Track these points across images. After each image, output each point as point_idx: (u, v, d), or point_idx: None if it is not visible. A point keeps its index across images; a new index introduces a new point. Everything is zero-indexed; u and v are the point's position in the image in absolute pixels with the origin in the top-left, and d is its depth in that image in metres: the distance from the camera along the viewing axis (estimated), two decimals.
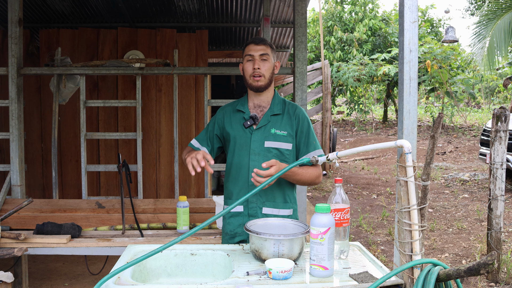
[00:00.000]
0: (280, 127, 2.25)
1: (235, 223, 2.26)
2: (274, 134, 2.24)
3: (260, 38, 2.26)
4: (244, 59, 2.27)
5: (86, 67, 3.75)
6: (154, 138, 5.29)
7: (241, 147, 2.25)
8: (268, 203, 2.25)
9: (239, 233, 2.26)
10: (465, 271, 1.44)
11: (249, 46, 2.26)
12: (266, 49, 2.24)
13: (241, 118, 2.29)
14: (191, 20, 6.06)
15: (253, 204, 2.24)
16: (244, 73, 2.28)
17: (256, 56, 2.22)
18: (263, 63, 2.23)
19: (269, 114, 2.27)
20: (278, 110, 2.28)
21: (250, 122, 2.24)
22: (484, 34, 9.52)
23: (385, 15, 18.63)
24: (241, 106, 2.32)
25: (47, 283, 3.89)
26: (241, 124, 2.27)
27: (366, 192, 8.05)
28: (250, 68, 2.24)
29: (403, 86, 1.72)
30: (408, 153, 1.62)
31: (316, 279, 1.66)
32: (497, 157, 4.01)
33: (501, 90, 20.68)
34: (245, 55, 2.26)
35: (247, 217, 2.23)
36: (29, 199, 3.02)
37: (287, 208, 2.30)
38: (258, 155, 2.22)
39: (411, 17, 1.69)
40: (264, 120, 2.26)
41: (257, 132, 2.24)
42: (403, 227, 1.64)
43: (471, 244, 5.04)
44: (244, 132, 2.26)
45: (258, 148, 2.23)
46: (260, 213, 2.23)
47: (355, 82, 14.71)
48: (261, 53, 2.23)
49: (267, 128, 2.25)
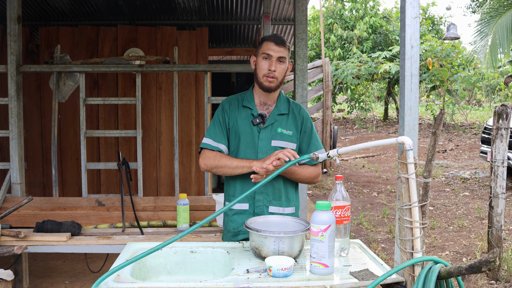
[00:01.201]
0: (286, 126, 2.24)
1: (239, 220, 2.24)
2: (281, 133, 2.22)
3: (281, 39, 2.19)
4: (260, 55, 2.20)
5: (86, 64, 3.73)
6: (155, 136, 5.28)
7: (248, 145, 2.22)
8: (275, 201, 2.24)
9: (243, 231, 2.23)
10: (467, 268, 1.43)
11: (269, 44, 2.18)
12: (285, 51, 2.19)
13: (249, 114, 2.24)
14: (191, 18, 6.04)
15: (259, 202, 2.22)
16: (256, 69, 2.22)
17: (274, 57, 2.17)
18: (279, 65, 2.18)
19: (275, 113, 2.25)
20: (284, 109, 2.27)
21: (259, 119, 2.21)
22: (486, 32, 9.50)
23: (386, 13, 18.59)
24: (247, 102, 2.27)
25: (48, 281, 3.88)
26: (249, 121, 2.23)
27: (367, 190, 8.04)
28: (265, 67, 2.18)
29: (404, 83, 1.71)
30: (409, 150, 1.61)
31: (316, 277, 1.65)
32: (498, 154, 4.00)
33: (502, 88, 20.63)
34: (262, 52, 2.18)
35: (252, 215, 2.21)
36: (29, 197, 3.01)
37: (290, 206, 2.30)
38: (265, 154, 2.19)
39: (412, 13, 1.67)
40: (271, 119, 2.23)
41: (265, 131, 2.22)
42: (404, 225, 1.63)
43: (472, 242, 5.03)
44: (251, 130, 2.22)
45: (266, 147, 2.21)
46: (267, 211, 2.22)
47: (354, 79, 14.69)
48: (280, 56, 2.17)
49: (274, 127, 2.23)
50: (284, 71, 2.22)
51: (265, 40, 2.20)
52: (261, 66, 2.19)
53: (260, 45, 2.22)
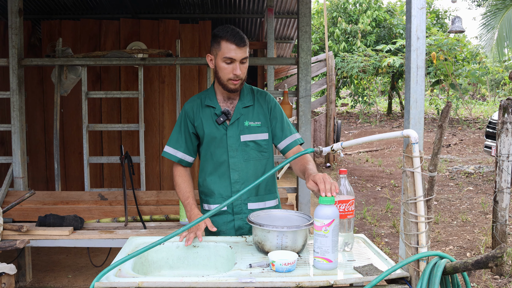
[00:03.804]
0: (253, 118, 2.15)
1: (219, 221, 2.17)
2: (248, 126, 2.14)
3: (241, 38, 2.02)
4: (221, 59, 2.03)
5: (88, 58, 3.71)
6: (157, 129, 5.26)
7: (217, 145, 2.14)
8: (252, 197, 2.17)
9: (223, 231, 2.17)
10: (473, 264, 1.40)
11: (230, 45, 2.00)
12: (247, 50, 2.04)
13: (212, 114, 2.15)
14: (194, 11, 6.01)
15: (237, 201, 2.15)
16: (218, 72, 2.07)
17: (238, 60, 2.02)
18: (243, 66, 2.05)
19: (240, 107, 2.15)
20: (249, 101, 2.17)
21: (223, 118, 2.11)
22: (493, 25, 9.41)
23: (390, 6, 18.47)
24: (209, 100, 2.16)
25: (50, 275, 3.89)
26: (213, 120, 2.14)
27: (370, 184, 8.01)
28: (228, 72, 2.04)
29: (410, 75, 1.68)
30: (415, 143, 1.59)
31: (320, 272, 1.63)
32: (504, 149, 3.96)
33: (507, 82, 20.50)
34: (224, 57, 2.01)
35: (232, 215, 2.16)
36: (31, 191, 3.01)
37: (272, 198, 2.23)
38: (236, 151, 2.13)
39: (418, 3, 1.64)
40: (236, 114, 2.14)
41: (232, 127, 2.13)
42: (409, 219, 1.61)
43: (476, 237, 5.00)
44: (217, 129, 2.13)
45: (235, 143, 2.13)
46: (246, 209, 2.16)
47: (361, 73, 14.61)
48: (243, 57, 2.03)
49: (241, 121, 2.14)
50: (247, 68, 2.10)
51: (224, 40, 2.02)
52: (223, 70, 2.05)
53: (218, 44, 2.04)
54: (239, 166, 2.13)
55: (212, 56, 2.10)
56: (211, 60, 2.12)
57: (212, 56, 2.10)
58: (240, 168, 2.13)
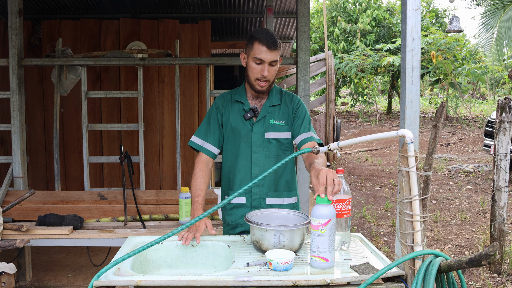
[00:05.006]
0: (278, 117, 2.25)
1: (237, 214, 2.26)
2: (273, 124, 2.23)
3: (274, 42, 2.10)
4: (252, 58, 2.13)
5: (87, 57, 3.73)
6: (157, 129, 5.28)
7: (242, 139, 2.23)
8: (271, 193, 2.24)
9: (241, 224, 2.25)
10: (467, 262, 1.42)
11: (261, 47, 2.10)
12: (277, 54, 2.13)
13: (241, 109, 2.25)
14: (194, 11, 6.02)
15: (256, 195, 2.23)
16: (248, 70, 2.18)
17: (267, 62, 2.12)
18: (271, 68, 2.14)
19: (268, 105, 2.25)
20: (276, 100, 2.26)
21: (250, 114, 2.21)
22: (492, 24, 9.42)
23: (389, 6, 18.47)
24: (239, 96, 2.27)
25: (50, 274, 3.91)
26: (241, 115, 2.24)
27: (370, 183, 8.03)
28: (257, 72, 2.14)
29: (405, 75, 1.69)
30: (410, 143, 1.60)
31: (317, 271, 1.65)
32: (501, 148, 3.98)
33: (506, 81, 20.51)
34: (254, 57, 2.11)
35: (250, 209, 2.23)
36: (31, 191, 3.02)
37: (291, 196, 2.30)
38: (260, 147, 2.22)
39: (413, 4, 1.66)
40: (264, 112, 2.24)
41: (258, 124, 2.23)
42: (405, 218, 1.63)
43: (475, 236, 5.02)
44: (244, 124, 2.23)
45: (259, 139, 2.22)
46: (264, 204, 2.23)
47: (359, 72, 14.62)
48: (273, 60, 2.12)
49: (267, 119, 2.23)
50: (276, 72, 2.19)
51: (257, 41, 2.11)
52: (252, 69, 2.15)
53: (251, 44, 2.14)
54: (261, 162, 2.22)
55: (245, 55, 2.21)
56: (244, 59, 2.23)
57: (245, 55, 2.22)
58: (262, 163, 2.22)
